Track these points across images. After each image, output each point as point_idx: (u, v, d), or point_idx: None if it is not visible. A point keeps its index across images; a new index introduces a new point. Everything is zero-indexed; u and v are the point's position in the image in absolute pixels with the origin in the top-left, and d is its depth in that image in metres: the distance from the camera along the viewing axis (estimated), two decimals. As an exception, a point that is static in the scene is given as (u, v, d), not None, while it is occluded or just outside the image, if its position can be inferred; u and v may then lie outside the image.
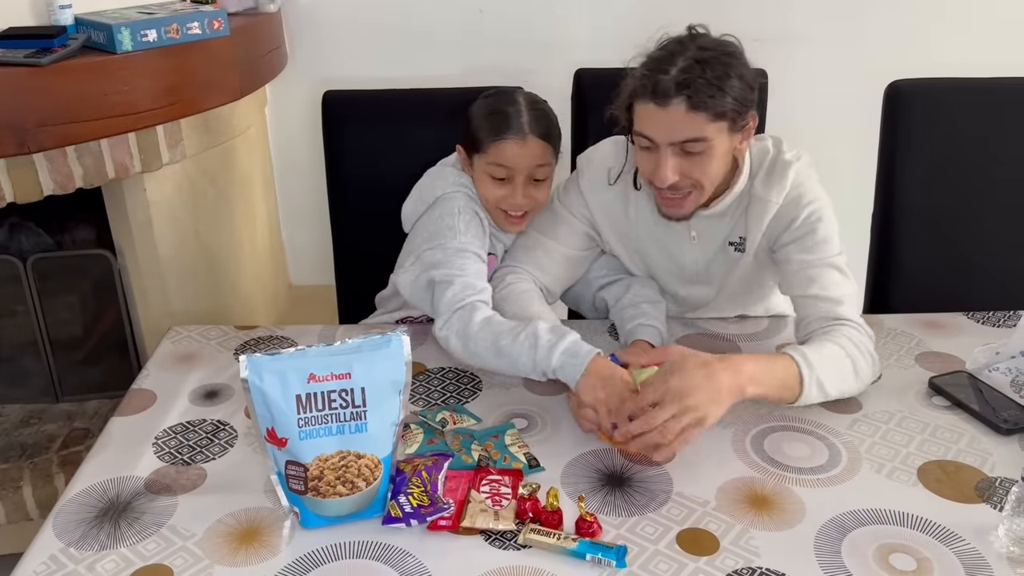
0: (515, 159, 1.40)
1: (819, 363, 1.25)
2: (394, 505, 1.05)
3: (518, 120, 1.40)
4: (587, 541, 1.02)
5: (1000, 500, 1.10)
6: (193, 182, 2.07)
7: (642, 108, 1.29)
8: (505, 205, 1.44)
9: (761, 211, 1.41)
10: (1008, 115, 1.77)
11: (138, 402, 1.33)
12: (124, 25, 1.64)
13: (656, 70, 1.26)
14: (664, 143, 1.29)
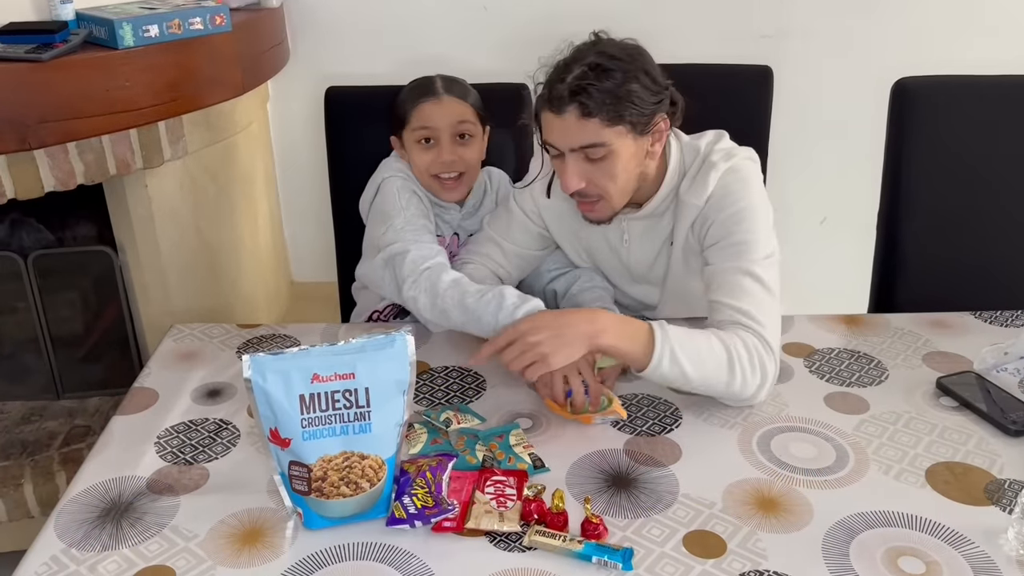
0: (434, 117, 1.50)
1: (680, 338, 1.21)
2: (398, 506, 1.04)
3: (433, 85, 1.53)
4: (593, 543, 1.01)
5: (1009, 502, 1.09)
6: (195, 178, 2.06)
7: (544, 117, 1.32)
8: (436, 168, 1.52)
9: (684, 212, 1.40)
10: (1016, 113, 1.76)
11: (140, 401, 1.32)
12: (126, 20, 1.63)
13: (555, 80, 1.28)
14: (565, 149, 1.31)
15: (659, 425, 1.25)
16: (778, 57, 1.89)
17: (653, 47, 2.07)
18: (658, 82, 1.30)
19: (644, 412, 1.28)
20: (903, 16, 2.33)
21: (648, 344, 1.20)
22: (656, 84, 1.29)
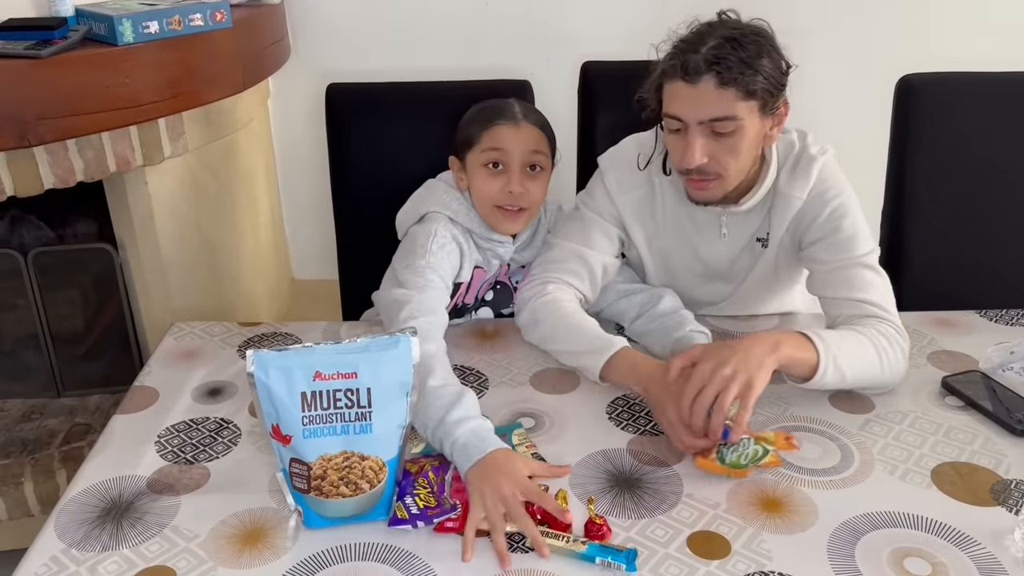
0: (509, 141, 1.40)
1: (837, 342, 1.23)
2: (400, 506, 1.04)
3: (511, 109, 1.43)
4: (596, 544, 1.00)
5: (1016, 503, 1.08)
6: (195, 175, 2.05)
7: (672, 87, 1.29)
8: (501, 198, 1.41)
9: (785, 207, 1.40)
10: (1021, 110, 1.75)
11: (140, 399, 1.31)
12: (125, 16, 1.62)
13: (686, 50, 1.26)
14: (693, 122, 1.28)
15: (663, 424, 1.25)
16: (782, 54, 1.88)
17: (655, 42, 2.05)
18: (784, 62, 1.29)
19: (648, 412, 1.28)
20: (908, 13, 2.32)
21: (814, 353, 1.22)
22: (783, 64, 1.29)
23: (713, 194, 1.36)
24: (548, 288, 1.44)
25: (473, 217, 1.45)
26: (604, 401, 1.30)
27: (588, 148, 1.85)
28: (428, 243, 1.39)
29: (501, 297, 1.56)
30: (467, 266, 1.45)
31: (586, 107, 1.85)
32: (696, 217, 1.46)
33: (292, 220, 2.66)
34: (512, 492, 1.02)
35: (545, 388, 1.33)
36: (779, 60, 1.28)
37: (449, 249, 1.40)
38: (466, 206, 1.46)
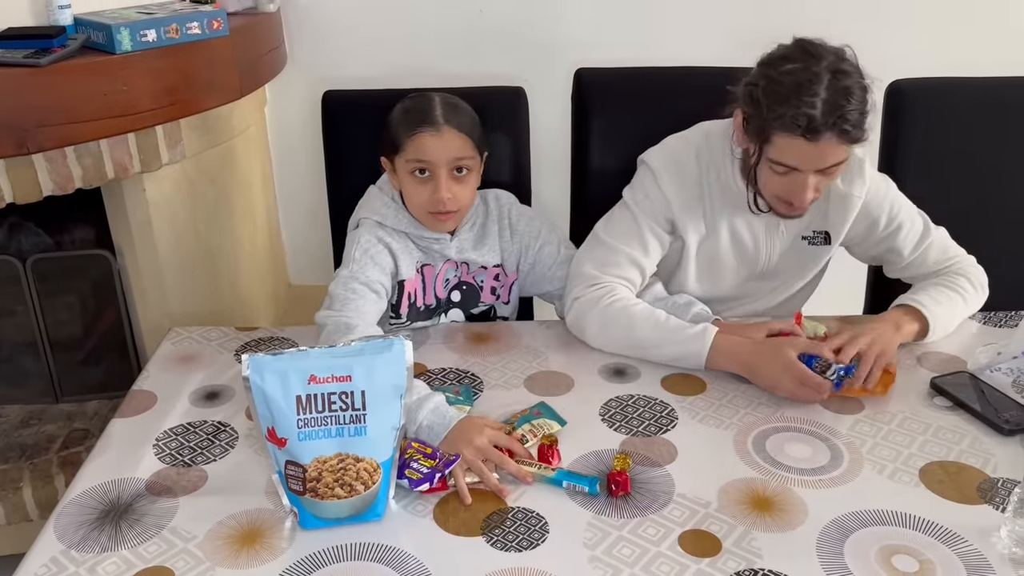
0: (433, 151, 1.39)
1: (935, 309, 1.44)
2: (411, 472, 1.10)
3: (432, 113, 1.40)
4: (564, 470, 1.13)
5: (1002, 501, 1.09)
6: (192, 182, 2.06)
7: (787, 140, 1.31)
8: (431, 205, 1.42)
9: (846, 206, 1.50)
10: (1009, 115, 1.77)
11: (138, 403, 1.32)
12: (123, 25, 1.63)
13: (800, 102, 1.27)
14: (810, 170, 1.33)
15: (655, 425, 1.26)
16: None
17: (655, 49, 2.08)
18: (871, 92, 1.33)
19: (640, 412, 1.29)
20: (898, 19, 2.34)
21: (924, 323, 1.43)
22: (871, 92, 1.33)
23: (803, 212, 1.43)
24: (615, 289, 1.47)
25: (403, 219, 1.48)
26: (598, 402, 1.32)
27: (582, 154, 1.86)
28: (352, 252, 1.43)
29: (469, 297, 1.57)
30: (406, 265, 1.47)
31: (580, 113, 1.86)
32: (750, 217, 1.51)
33: (289, 226, 2.68)
34: (483, 443, 1.15)
35: (539, 390, 1.35)
36: (871, 92, 1.32)
37: (375, 253, 1.43)
38: (394, 209, 1.48)
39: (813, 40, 1.34)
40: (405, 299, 1.48)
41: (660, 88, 1.88)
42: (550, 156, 2.15)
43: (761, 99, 1.32)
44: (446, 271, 1.52)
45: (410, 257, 1.48)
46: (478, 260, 1.54)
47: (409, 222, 1.48)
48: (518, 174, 1.87)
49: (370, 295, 1.40)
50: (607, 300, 1.45)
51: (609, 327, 1.44)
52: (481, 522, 1.07)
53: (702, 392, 1.35)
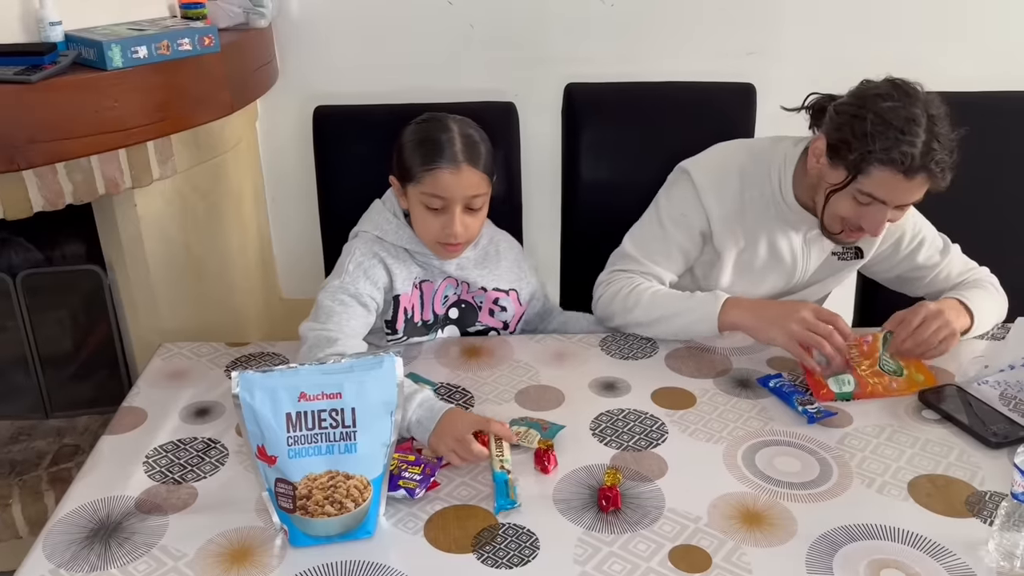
0: (451, 188, 1.38)
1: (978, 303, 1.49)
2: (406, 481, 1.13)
3: (451, 149, 1.38)
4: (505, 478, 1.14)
5: (990, 514, 1.10)
6: (184, 197, 2.06)
7: (884, 174, 1.36)
8: (443, 238, 1.42)
9: None
10: (990, 128, 1.78)
11: (128, 420, 1.32)
12: (114, 42, 1.64)
13: (903, 141, 1.32)
14: (892, 204, 1.39)
15: (645, 440, 1.26)
16: (761, 74, 1.91)
17: (644, 64, 2.09)
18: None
19: (631, 427, 1.29)
20: (881, 34, 2.36)
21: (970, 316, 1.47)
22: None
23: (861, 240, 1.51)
24: (633, 278, 1.56)
25: (403, 235, 1.47)
26: (588, 417, 1.32)
27: (572, 168, 1.87)
28: (346, 263, 1.43)
29: (466, 316, 1.57)
30: (401, 281, 1.46)
31: (570, 127, 1.87)
32: (788, 232, 1.56)
33: (280, 240, 2.68)
34: (461, 433, 1.17)
35: (530, 404, 1.35)
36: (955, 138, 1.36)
37: (368, 266, 1.43)
38: (396, 225, 1.47)
39: (908, 80, 1.40)
40: (401, 314, 1.48)
41: (650, 102, 1.89)
42: (541, 170, 2.17)
43: (867, 131, 1.35)
44: (445, 288, 1.52)
45: (407, 272, 1.48)
46: (479, 281, 1.53)
47: (410, 238, 1.47)
48: (509, 188, 1.88)
49: (358, 308, 1.40)
50: (626, 289, 1.54)
51: (630, 310, 1.52)
52: (472, 539, 1.07)
53: (692, 406, 1.35)
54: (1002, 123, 1.80)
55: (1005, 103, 1.83)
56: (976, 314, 1.47)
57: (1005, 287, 1.59)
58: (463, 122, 1.44)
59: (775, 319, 1.41)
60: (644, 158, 1.78)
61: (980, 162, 1.78)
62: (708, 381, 1.42)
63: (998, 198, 1.82)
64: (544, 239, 2.12)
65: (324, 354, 1.29)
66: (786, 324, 1.38)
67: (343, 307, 1.38)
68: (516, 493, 1.13)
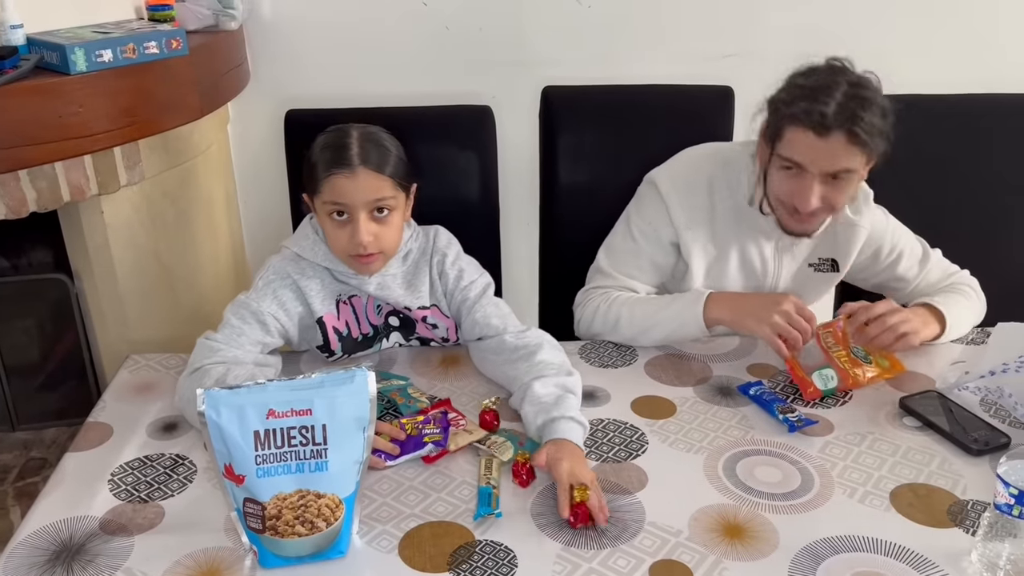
0: (349, 193, 1.31)
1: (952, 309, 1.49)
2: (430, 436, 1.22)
3: (347, 153, 1.32)
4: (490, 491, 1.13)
5: (972, 524, 1.09)
6: (152, 203, 2.02)
7: (797, 135, 1.34)
8: (351, 248, 1.34)
9: (853, 236, 1.53)
10: (975, 130, 1.79)
11: (93, 436, 1.28)
12: (78, 45, 1.59)
13: (815, 100, 1.31)
14: (815, 171, 1.35)
15: (625, 451, 1.24)
16: (739, 77, 1.90)
17: (622, 67, 2.07)
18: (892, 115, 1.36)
19: (611, 438, 1.27)
20: (856, 38, 2.36)
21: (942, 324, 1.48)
22: (891, 117, 1.36)
23: (813, 227, 1.46)
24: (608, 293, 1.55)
25: (319, 252, 1.40)
26: (566, 428, 1.29)
27: (550, 171, 1.86)
28: (257, 280, 1.40)
29: (406, 323, 1.49)
30: (320, 302, 1.40)
31: (547, 131, 1.85)
32: (759, 240, 1.54)
33: (253, 245, 2.63)
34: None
35: (509, 415, 1.32)
36: (891, 116, 1.35)
37: (277, 287, 1.39)
38: (313, 241, 1.41)
39: (845, 61, 1.39)
40: (332, 335, 1.42)
41: (627, 105, 1.88)
42: (518, 173, 2.14)
43: (781, 97, 1.37)
44: (375, 299, 1.45)
45: (326, 292, 1.41)
46: (402, 301, 1.43)
47: (325, 255, 1.40)
48: (486, 192, 1.86)
49: (255, 326, 1.35)
50: (604, 306, 1.53)
51: (614, 326, 1.51)
52: (448, 557, 1.04)
53: (672, 415, 1.33)
54: (977, 125, 1.80)
55: (980, 106, 1.83)
56: (948, 319, 1.47)
57: (986, 290, 1.59)
58: (367, 128, 1.38)
59: (755, 309, 1.41)
60: (622, 161, 1.76)
61: (958, 164, 1.80)
62: (688, 389, 1.40)
63: (980, 200, 1.82)
64: (522, 243, 2.10)
65: (201, 363, 1.28)
66: (767, 315, 1.39)
67: (240, 322, 1.35)
68: (498, 504, 1.11)
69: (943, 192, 1.80)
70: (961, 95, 1.81)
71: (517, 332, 1.41)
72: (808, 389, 1.35)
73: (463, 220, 1.58)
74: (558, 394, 1.27)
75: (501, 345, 1.40)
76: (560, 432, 1.20)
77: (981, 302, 1.57)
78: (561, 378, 1.31)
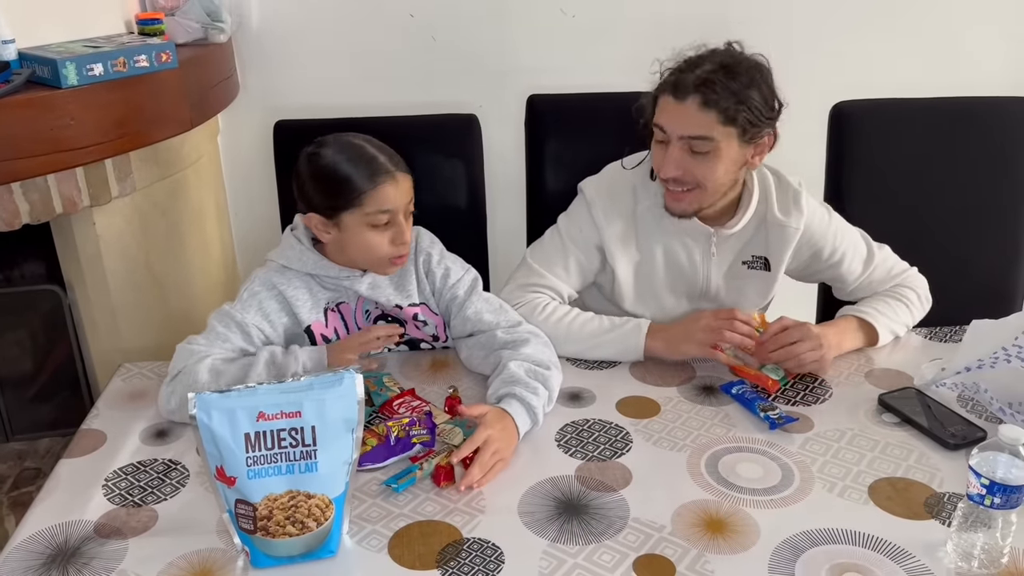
0: (395, 199, 1.36)
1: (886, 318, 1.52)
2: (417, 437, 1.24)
3: (382, 164, 1.36)
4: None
5: (948, 516, 1.12)
6: (144, 215, 2.04)
7: (662, 100, 1.41)
8: (396, 251, 1.40)
9: (783, 236, 1.54)
10: (948, 134, 1.82)
11: (87, 443, 1.30)
12: (69, 59, 1.61)
13: (683, 69, 1.38)
14: (674, 136, 1.39)
15: (610, 450, 1.27)
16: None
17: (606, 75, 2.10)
18: (775, 98, 1.40)
19: (596, 437, 1.30)
20: (841, 42, 2.40)
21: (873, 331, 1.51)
22: (773, 99, 1.39)
23: (687, 206, 1.47)
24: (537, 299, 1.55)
25: (308, 261, 1.42)
26: (553, 428, 1.32)
27: (536, 179, 1.88)
28: (242, 291, 1.42)
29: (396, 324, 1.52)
30: (307, 311, 1.42)
31: (533, 139, 1.88)
32: (685, 240, 1.55)
33: (244, 256, 2.65)
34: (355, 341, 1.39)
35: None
36: (770, 96, 1.39)
37: (263, 298, 1.41)
38: (299, 251, 1.43)
39: (737, 43, 1.43)
40: (320, 342, 1.44)
41: (612, 112, 1.89)
42: (504, 181, 2.17)
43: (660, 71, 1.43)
44: (363, 304, 1.48)
45: (313, 300, 1.43)
46: (392, 299, 1.46)
47: (315, 263, 1.42)
48: (473, 199, 1.89)
49: (238, 335, 1.38)
50: (538, 315, 1.52)
51: (560, 342, 1.49)
52: (436, 555, 1.06)
53: (657, 415, 1.36)
54: (950, 127, 1.83)
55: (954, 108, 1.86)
56: (879, 328, 1.51)
57: (958, 289, 1.61)
58: (363, 137, 1.42)
59: (681, 336, 1.47)
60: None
61: (931, 165, 1.83)
62: (672, 389, 1.43)
63: (951, 201, 1.85)
64: (509, 250, 2.12)
65: (184, 364, 1.33)
66: (692, 335, 1.45)
67: (225, 329, 1.38)
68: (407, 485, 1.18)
69: (916, 193, 1.83)
70: (934, 98, 1.85)
71: (509, 327, 1.45)
72: (767, 383, 1.40)
73: (450, 227, 1.61)
74: (525, 378, 1.33)
75: (492, 340, 1.44)
76: (509, 407, 1.27)
77: (921, 305, 1.59)
78: (540, 368, 1.36)
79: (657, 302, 1.61)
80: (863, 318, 1.52)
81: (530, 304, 1.54)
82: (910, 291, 1.58)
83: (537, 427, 1.30)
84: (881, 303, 1.56)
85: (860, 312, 1.53)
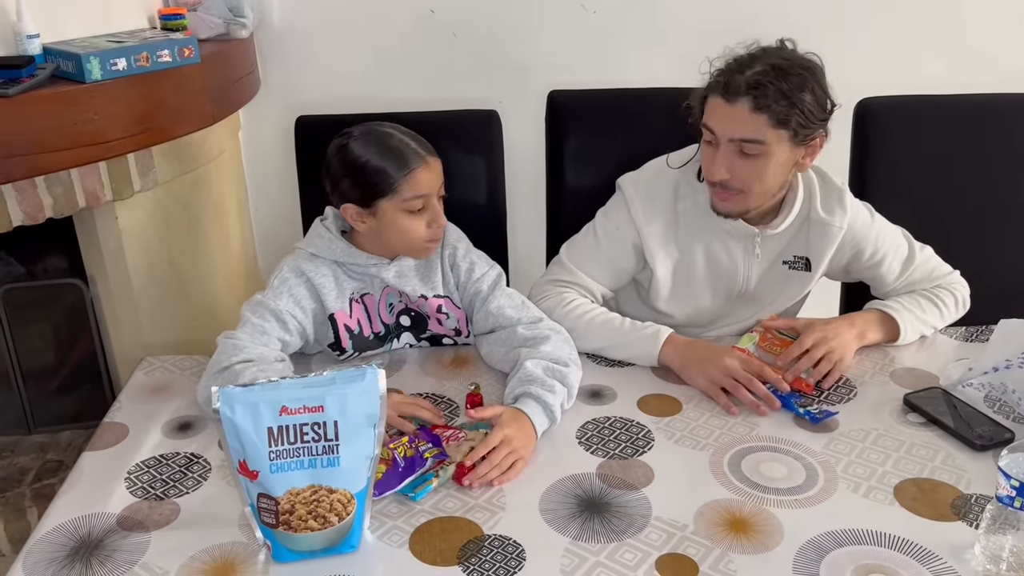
0: (428, 183, 1.39)
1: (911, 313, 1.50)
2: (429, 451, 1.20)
3: (409, 149, 1.39)
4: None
5: (976, 517, 1.10)
6: (166, 209, 2.05)
7: (712, 102, 1.38)
8: (431, 234, 1.42)
9: (825, 235, 1.51)
10: (972, 131, 1.80)
11: (110, 436, 1.31)
12: (93, 54, 1.62)
13: (734, 69, 1.35)
14: (724, 138, 1.36)
15: (631, 448, 1.26)
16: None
17: (627, 71, 2.09)
18: (827, 98, 1.37)
19: (617, 435, 1.29)
20: (866, 39, 2.37)
21: (894, 328, 1.48)
22: (825, 100, 1.36)
23: (733, 207, 1.45)
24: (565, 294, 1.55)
25: (336, 249, 1.44)
26: (574, 425, 1.31)
27: (556, 175, 1.87)
28: (273, 280, 1.43)
29: (418, 323, 1.53)
30: (333, 299, 1.43)
31: (553, 134, 1.87)
32: (727, 240, 1.53)
33: (264, 251, 2.66)
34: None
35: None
36: (822, 97, 1.36)
37: (293, 284, 1.42)
38: (328, 239, 1.44)
39: (788, 41, 1.40)
40: (343, 332, 1.45)
41: (632, 108, 1.89)
42: (525, 177, 2.16)
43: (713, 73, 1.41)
44: (387, 296, 1.49)
45: (339, 289, 1.45)
46: (417, 289, 1.47)
47: (343, 251, 1.44)
48: (493, 195, 1.88)
49: (274, 323, 1.38)
50: (561, 309, 1.51)
51: (582, 332, 1.48)
52: (457, 551, 1.06)
53: (678, 413, 1.35)
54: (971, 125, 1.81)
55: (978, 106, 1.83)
56: (901, 322, 1.48)
57: (983, 289, 1.59)
58: (389, 124, 1.45)
59: (697, 362, 1.41)
60: (628, 164, 1.77)
61: (953, 163, 1.81)
62: (694, 388, 1.42)
63: (974, 199, 1.82)
64: (529, 246, 2.12)
65: (229, 361, 1.30)
66: (706, 368, 1.39)
67: (261, 320, 1.38)
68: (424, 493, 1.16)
69: (940, 190, 1.80)
70: (958, 95, 1.83)
71: (530, 323, 1.45)
72: (802, 385, 1.39)
73: (471, 223, 1.60)
74: (542, 376, 1.32)
75: (512, 336, 1.43)
76: (525, 407, 1.26)
77: (956, 309, 1.56)
78: (558, 366, 1.35)
79: (694, 301, 1.60)
80: (886, 312, 1.50)
81: (556, 297, 1.54)
82: (946, 293, 1.55)
83: (555, 425, 1.30)
84: (911, 300, 1.53)
85: (885, 306, 1.51)
